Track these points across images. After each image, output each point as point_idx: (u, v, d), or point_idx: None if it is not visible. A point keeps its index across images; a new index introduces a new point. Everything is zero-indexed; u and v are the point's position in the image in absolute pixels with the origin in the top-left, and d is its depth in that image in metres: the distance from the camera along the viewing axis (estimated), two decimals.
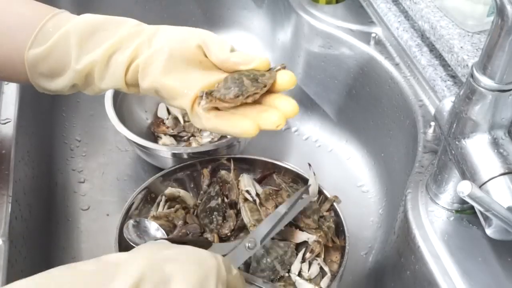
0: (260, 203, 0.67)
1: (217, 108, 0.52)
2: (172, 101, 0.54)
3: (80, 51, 0.54)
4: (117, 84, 0.55)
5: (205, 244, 0.59)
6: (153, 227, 0.65)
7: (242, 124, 0.50)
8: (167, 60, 0.53)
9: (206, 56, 0.54)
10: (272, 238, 0.64)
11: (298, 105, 0.52)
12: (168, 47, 0.53)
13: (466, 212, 0.58)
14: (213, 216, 0.67)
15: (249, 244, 0.59)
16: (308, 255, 0.64)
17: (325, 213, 0.68)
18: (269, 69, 0.53)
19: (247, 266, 0.63)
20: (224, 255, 0.53)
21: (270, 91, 0.53)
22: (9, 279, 0.55)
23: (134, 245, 0.63)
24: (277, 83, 0.53)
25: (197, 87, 0.52)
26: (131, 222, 0.65)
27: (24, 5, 0.56)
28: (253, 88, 0.51)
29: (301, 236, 0.65)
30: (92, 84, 0.56)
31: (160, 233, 0.65)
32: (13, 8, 0.55)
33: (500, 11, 0.45)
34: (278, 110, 0.51)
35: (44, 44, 0.54)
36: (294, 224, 0.66)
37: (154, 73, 0.53)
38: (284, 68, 0.54)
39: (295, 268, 0.63)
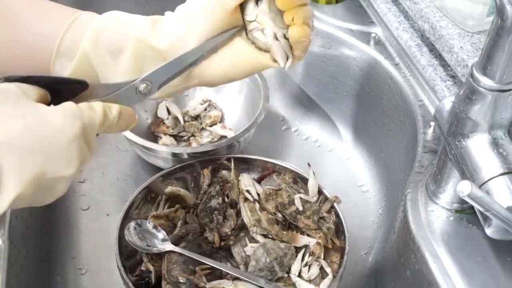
0: (260, 206, 0.67)
1: None
2: None
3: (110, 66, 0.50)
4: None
5: (79, 88, 0.47)
6: (154, 229, 0.65)
7: None
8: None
9: None
10: (273, 240, 0.64)
11: (298, 105, 0.52)
12: None
13: (466, 212, 0.58)
14: (214, 216, 0.68)
15: (142, 87, 0.47)
16: (308, 258, 0.63)
17: (325, 214, 0.68)
18: None
19: (246, 266, 0.63)
20: (106, 96, 0.46)
21: None
22: (9, 279, 0.55)
23: (135, 247, 0.63)
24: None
25: None
26: (132, 224, 0.65)
27: (40, 17, 0.53)
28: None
29: (302, 240, 0.65)
30: None
31: (161, 234, 0.65)
32: (27, 24, 0.52)
33: (499, 11, 0.45)
34: None
35: (67, 65, 0.51)
36: (294, 225, 0.66)
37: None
38: None
39: (295, 269, 0.63)
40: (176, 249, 0.63)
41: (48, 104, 0.42)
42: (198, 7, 0.49)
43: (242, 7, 0.49)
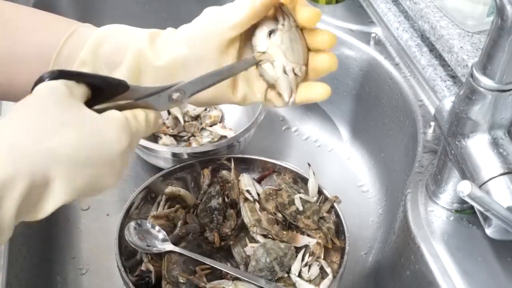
0: (260, 206, 0.67)
1: None
2: None
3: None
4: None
5: (120, 89, 0.46)
6: (155, 229, 0.65)
7: None
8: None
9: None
10: (273, 240, 0.65)
11: (298, 105, 0.52)
12: None
13: (466, 212, 0.58)
14: (214, 216, 0.68)
15: (176, 96, 0.47)
16: (308, 258, 0.63)
17: (325, 214, 0.68)
18: None
19: (246, 266, 0.63)
20: (139, 99, 0.46)
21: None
22: (9, 279, 0.55)
23: (135, 247, 0.63)
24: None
25: None
26: (132, 224, 0.65)
27: (35, 30, 0.53)
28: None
29: (302, 240, 0.65)
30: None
31: (161, 235, 0.65)
32: (26, 39, 0.53)
33: (500, 11, 0.45)
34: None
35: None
36: (294, 225, 0.66)
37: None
38: None
39: (295, 269, 0.63)
40: (176, 249, 0.63)
41: (88, 104, 0.43)
42: (200, 31, 0.49)
43: (252, 35, 0.48)
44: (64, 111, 0.40)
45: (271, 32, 0.47)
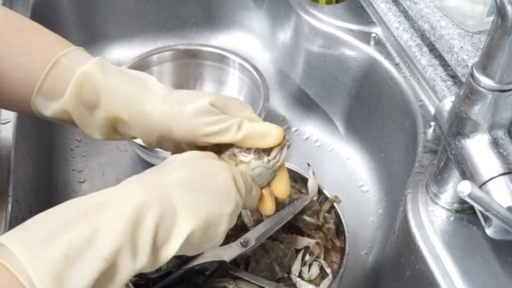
0: None
1: None
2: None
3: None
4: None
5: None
6: None
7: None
8: None
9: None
10: (273, 240, 0.64)
11: (298, 105, 0.52)
12: None
13: (466, 212, 0.58)
14: None
15: (242, 241, 0.60)
16: (308, 257, 0.63)
17: (325, 214, 0.67)
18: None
19: (246, 266, 0.63)
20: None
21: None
22: None
23: None
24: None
25: None
26: None
27: (23, 53, 0.53)
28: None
29: (302, 242, 0.65)
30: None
31: None
32: (13, 60, 0.52)
33: (500, 11, 0.45)
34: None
35: (49, 104, 0.52)
36: (294, 225, 0.66)
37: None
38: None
39: (295, 269, 0.63)
40: None
41: None
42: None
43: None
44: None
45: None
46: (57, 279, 0.35)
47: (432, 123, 0.68)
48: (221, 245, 0.50)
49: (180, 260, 0.58)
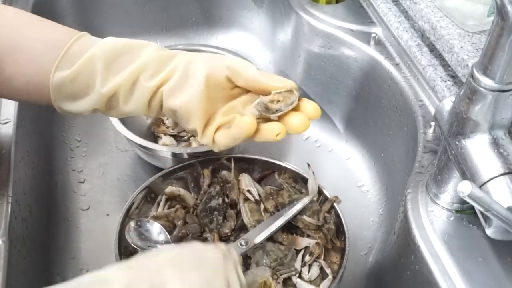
0: (264, 206, 0.67)
1: None
2: (187, 124, 0.56)
3: (105, 74, 0.54)
4: (139, 108, 0.56)
5: None
6: (155, 229, 0.65)
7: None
8: (201, 88, 0.54)
9: (232, 82, 0.56)
10: (274, 242, 0.64)
11: None
12: (204, 77, 0.54)
13: (466, 212, 0.58)
14: (213, 216, 0.67)
15: (242, 241, 0.61)
16: (308, 258, 0.63)
17: (325, 215, 0.67)
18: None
19: (246, 267, 0.63)
20: None
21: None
22: (9, 279, 0.55)
23: (135, 246, 0.63)
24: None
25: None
26: (132, 224, 0.64)
27: (46, 29, 0.56)
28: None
29: (302, 243, 0.65)
30: (116, 107, 0.56)
31: (162, 234, 0.65)
32: (36, 33, 0.55)
33: (500, 11, 0.45)
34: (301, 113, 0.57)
35: (70, 67, 0.54)
36: (294, 225, 0.66)
37: (183, 98, 0.55)
38: None
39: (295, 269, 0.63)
40: None
41: None
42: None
43: None
44: None
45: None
46: None
47: (432, 123, 0.68)
48: None
49: None
